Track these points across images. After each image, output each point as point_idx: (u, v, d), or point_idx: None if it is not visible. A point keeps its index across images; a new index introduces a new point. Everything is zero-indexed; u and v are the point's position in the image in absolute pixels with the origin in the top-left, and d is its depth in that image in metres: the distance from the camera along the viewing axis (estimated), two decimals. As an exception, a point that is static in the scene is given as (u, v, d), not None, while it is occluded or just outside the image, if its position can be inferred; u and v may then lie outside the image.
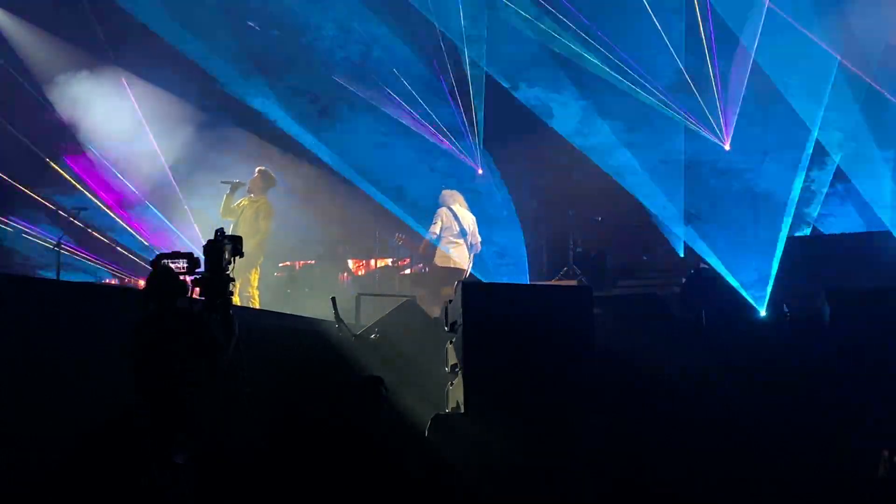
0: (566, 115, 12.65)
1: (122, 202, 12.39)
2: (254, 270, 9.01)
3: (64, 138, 12.16)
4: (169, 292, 4.90)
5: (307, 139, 12.93)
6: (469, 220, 9.88)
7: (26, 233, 12.00)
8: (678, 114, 11.88)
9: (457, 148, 13.06)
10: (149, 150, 12.03)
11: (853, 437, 6.07)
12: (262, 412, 5.59)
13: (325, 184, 13.02)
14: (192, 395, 4.75)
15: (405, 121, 13.02)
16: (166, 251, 5.15)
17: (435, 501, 5.41)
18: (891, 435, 6.00)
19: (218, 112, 12.72)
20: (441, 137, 13.05)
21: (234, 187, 9.28)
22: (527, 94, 12.78)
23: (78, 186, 12.17)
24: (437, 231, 9.68)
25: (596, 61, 11.93)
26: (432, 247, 9.84)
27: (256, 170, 9.50)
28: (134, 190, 12.21)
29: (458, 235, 9.79)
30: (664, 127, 12.02)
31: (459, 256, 9.74)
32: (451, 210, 9.81)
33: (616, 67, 11.77)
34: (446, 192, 9.99)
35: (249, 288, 8.89)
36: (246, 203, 9.27)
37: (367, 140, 13.28)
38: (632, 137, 12.34)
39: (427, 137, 13.07)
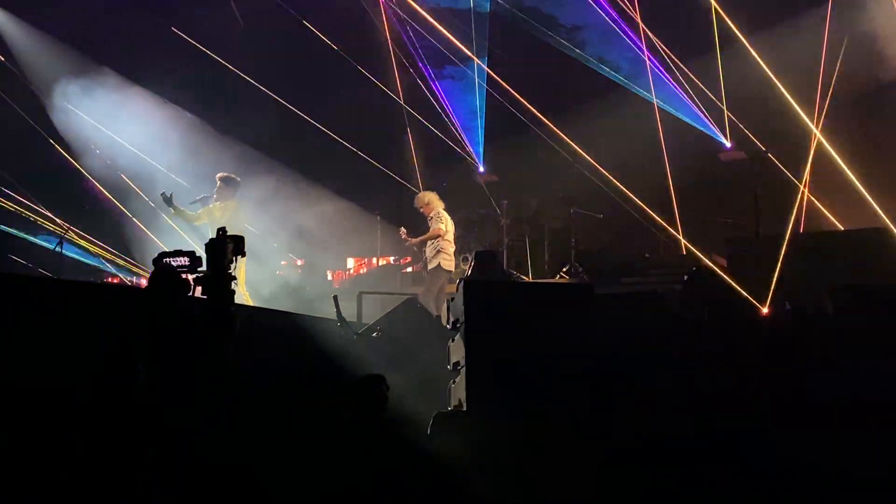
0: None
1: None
2: (241, 270, 8.95)
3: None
4: (170, 290, 4.88)
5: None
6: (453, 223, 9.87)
7: (26, 234, 12.01)
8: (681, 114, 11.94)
9: (459, 147, 13.06)
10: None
11: (853, 434, 6.06)
12: (262, 410, 5.58)
13: (327, 183, 13.02)
14: (191, 394, 4.74)
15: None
16: (168, 250, 5.14)
17: (436, 500, 5.39)
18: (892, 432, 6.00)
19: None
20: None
21: (204, 203, 9.27)
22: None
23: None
24: (443, 233, 9.61)
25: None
26: (420, 244, 9.82)
27: (217, 178, 9.36)
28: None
29: (454, 238, 9.79)
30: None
31: (453, 258, 9.72)
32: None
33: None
34: (433, 195, 9.86)
35: (239, 287, 8.85)
36: (217, 209, 9.17)
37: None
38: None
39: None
